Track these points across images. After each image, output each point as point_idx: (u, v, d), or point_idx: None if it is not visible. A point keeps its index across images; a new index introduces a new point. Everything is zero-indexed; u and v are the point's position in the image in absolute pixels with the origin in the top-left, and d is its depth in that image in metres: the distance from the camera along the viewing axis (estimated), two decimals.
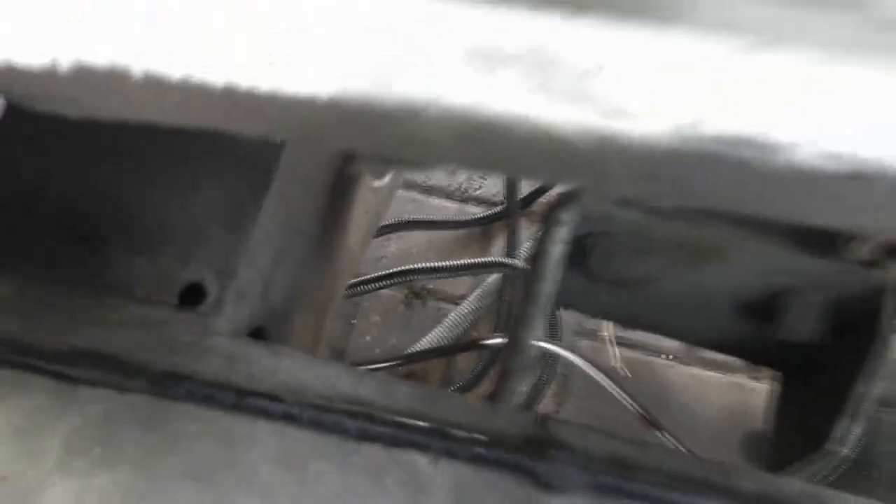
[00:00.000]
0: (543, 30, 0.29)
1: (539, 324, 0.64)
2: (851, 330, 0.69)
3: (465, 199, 1.69)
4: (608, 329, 1.51)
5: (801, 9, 0.30)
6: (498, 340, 1.23)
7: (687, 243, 0.68)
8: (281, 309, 0.67)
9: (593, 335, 1.54)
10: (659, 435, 1.01)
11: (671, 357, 1.50)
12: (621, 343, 1.53)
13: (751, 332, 0.76)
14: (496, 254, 1.56)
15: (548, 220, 0.61)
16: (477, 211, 1.64)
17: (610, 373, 1.07)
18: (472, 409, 0.67)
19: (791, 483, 0.65)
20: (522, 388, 0.98)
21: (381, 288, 1.37)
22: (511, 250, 1.50)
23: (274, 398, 0.60)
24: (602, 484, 0.63)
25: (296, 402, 0.60)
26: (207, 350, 0.58)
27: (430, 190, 1.69)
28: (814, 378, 0.76)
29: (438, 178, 1.70)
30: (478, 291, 1.46)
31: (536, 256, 0.61)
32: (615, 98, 0.28)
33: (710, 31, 0.30)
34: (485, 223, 1.58)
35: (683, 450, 1.00)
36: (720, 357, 1.16)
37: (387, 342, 1.50)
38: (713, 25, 0.30)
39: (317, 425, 0.61)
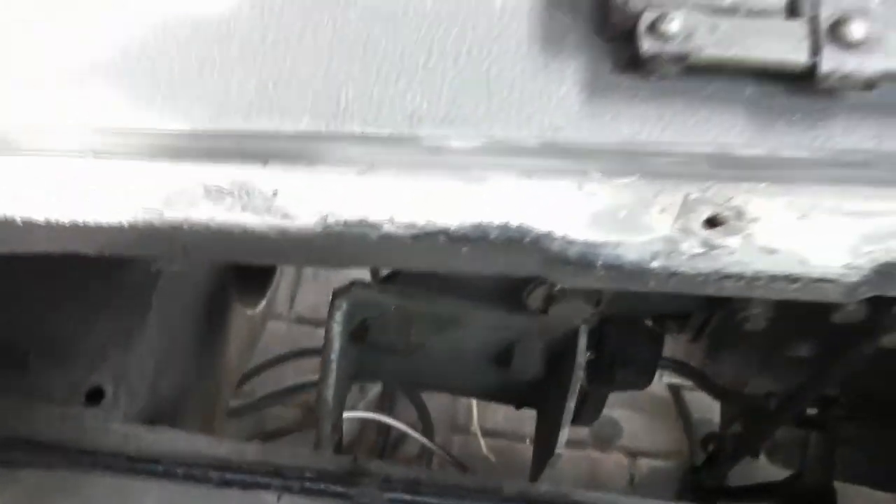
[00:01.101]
0: (246, 173, 0.63)
1: (334, 386, 0.95)
2: (559, 363, 1.02)
3: None
4: (475, 423, 1.83)
5: (381, 145, 0.64)
6: None
7: (433, 315, 1.01)
8: (169, 404, 0.99)
9: (466, 430, 1.87)
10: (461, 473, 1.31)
11: (530, 441, 1.83)
12: (487, 434, 1.85)
13: (501, 379, 1.08)
14: None
15: (329, 307, 0.94)
16: None
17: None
18: (302, 455, 0.98)
19: (541, 486, 0.97)
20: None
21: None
22: None
23: (156, 461, 0.91)
24: (397, 499, 0.94)
25: (172, 463, 0.91)
26: (108, 433, 0.90)
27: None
28: (542, 405, 1.08)
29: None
30: None
31: (325, 335, 0.94)
32: (285, 208, 0.62)
33: (336, 165, 0.64)
34: None
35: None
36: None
37: None
38: (337, 161, 0.64)
39: (188, 478, 0.92)
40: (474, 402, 1.84)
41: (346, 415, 1.20)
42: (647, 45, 0.62)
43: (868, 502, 1.42)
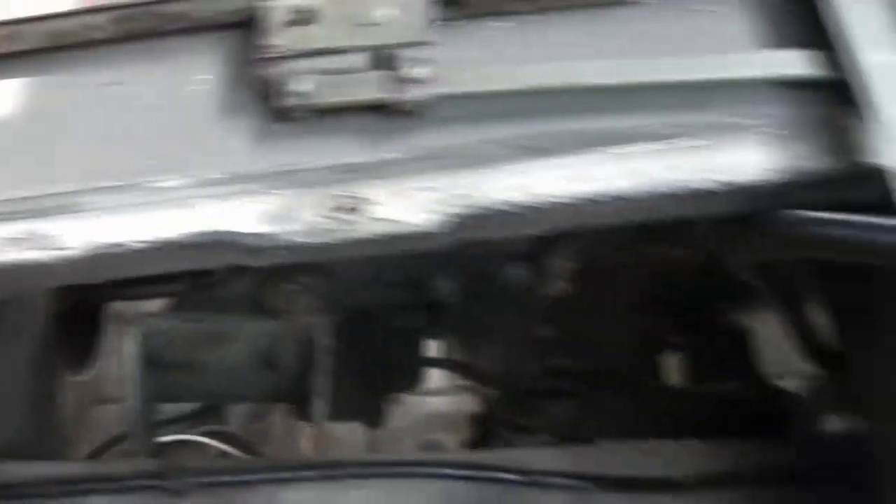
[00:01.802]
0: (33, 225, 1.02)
1: (138, 407, 1.32)
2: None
3: None
4: None
5: (120, 192, 1.04)
6: None
7: (208, 333, 1.40)
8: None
9: None
10: None
11: None
12: None
13: (274, 381, 1.47)
14: None
15: (122, 337, 1.32)
16: None
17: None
18: (122, 464, 1.36)
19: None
20: None
21: None
22: None
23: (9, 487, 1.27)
24: (204, 482, 1.32)
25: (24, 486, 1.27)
26: None
27: None
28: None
29: None
30: None
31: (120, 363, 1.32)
32: (63, 243, 1.01)
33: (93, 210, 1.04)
34: None
35: None
36: None
37: None
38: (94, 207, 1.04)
39: (41, 497, 1.28)
40: None
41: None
42: (283, 101, 1.04)
43: None
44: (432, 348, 1.84)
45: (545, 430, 1.88)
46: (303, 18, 1.05)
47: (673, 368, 2.01)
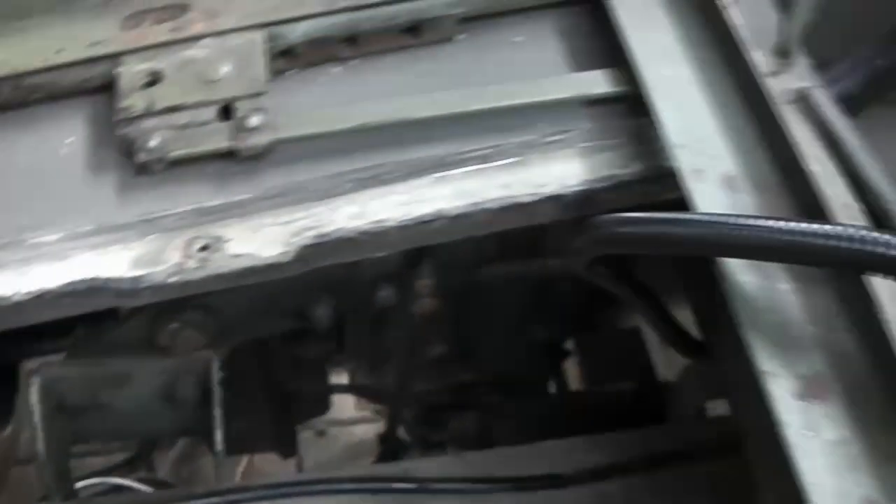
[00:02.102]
0: None
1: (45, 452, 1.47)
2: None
3: None
4: None
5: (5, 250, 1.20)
6: None
7: (110, 375, 1.54)
8: None
9: None
10: None
11: None
12: None
13: (178, 415, 1.62)
14: None
15: (23, 386, 1.48)
16: None
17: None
18: None
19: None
20: None
21: None
22: None
23: None
24: None
25: None
26: None
27: None
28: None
29: None
30: None
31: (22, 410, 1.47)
32: None
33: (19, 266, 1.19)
34: None
35: None
36: None
37: None
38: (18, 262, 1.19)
39: None
40: None
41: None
42: (142, 157, 1.21)
43: None
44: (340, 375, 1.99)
45: (453, 443, 2.04)
46: (153, 81, 1.22)
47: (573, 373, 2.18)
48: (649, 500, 1.60)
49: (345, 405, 2.63)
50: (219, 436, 1.47)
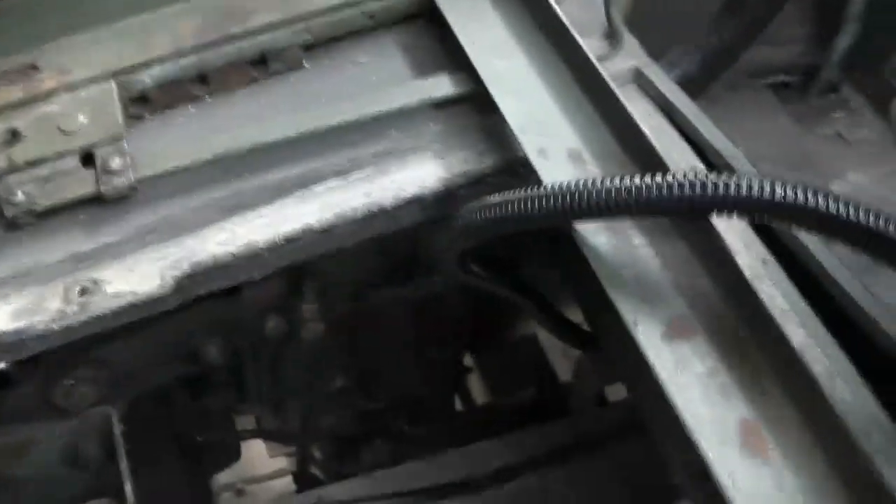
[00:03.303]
0: None
1: None
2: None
3: None
4: None
5: None
6: None
7: (7, 444, 1.52)
8: None
9: None
10: None
11: None
12: None
13: (84, 479, 1.60)
14: None
15: None
16: None
17: None
18: None
19: None
20: None
21: None
22: None
23: None
24: None
25: None
26: None
27: None
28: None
29: None
30: None
31: None
32: None
33: None
34: None
35: None
36: None
37: None
38: None
39: None
40: None
41: None
42: (8, 212, 1.22)
43: None
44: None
45: (368, 471, 2.05)
46: (12, 139, 1.24)
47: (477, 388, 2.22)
48: (563, 492, 1.63)
49: (261, 461, 2.62)
50: (129, 489, 1.46)
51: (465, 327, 1.96)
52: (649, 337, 1.03)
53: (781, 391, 1.00)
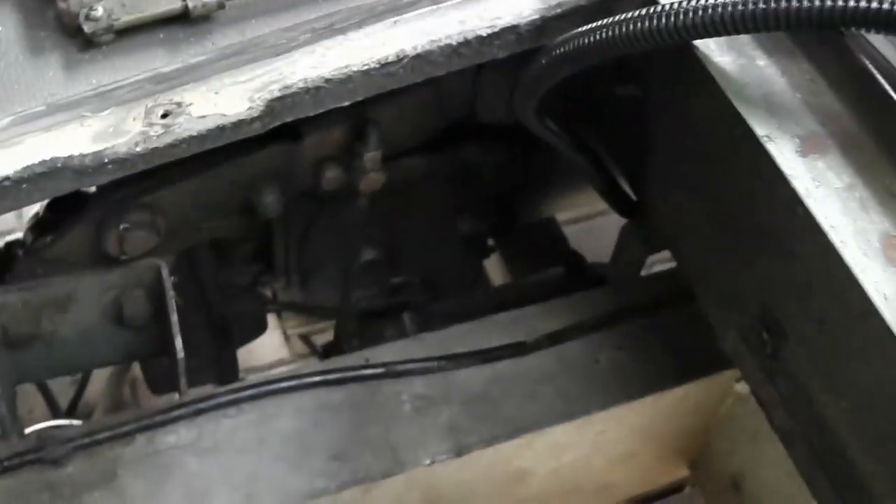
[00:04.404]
0: None
1: None
2: (161, 306, 1.50)
3: None
4: None
5: None
6: None
7: (52, 298, 1.45)
8: None
9: None
10: None
11: None
12: None
13: (127, 337, 1.53)
14: None
15: None
16: None
17: None
18: (4, 446, 1.37)
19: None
20: None
21: None
22: None
23: None
24: (79, 444, 1.36)
25: None
26: None
27: None
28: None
29: None
30: None
31: None
32: None
33: None
34: None
35: None
36: None
37: None
38: None
39: None
40: None
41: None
42: (87, 27, 1.15)
43: None
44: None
45: None
46: None
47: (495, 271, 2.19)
48: (607, 356, 1.61)
49: (262, 351, 2.57)
50: (178, 343, 1.41)
51: (497, 204, 1.92)
52: (783, 152, 0.99)
53: None
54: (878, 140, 1.01)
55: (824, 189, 0.98)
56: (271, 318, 2.20)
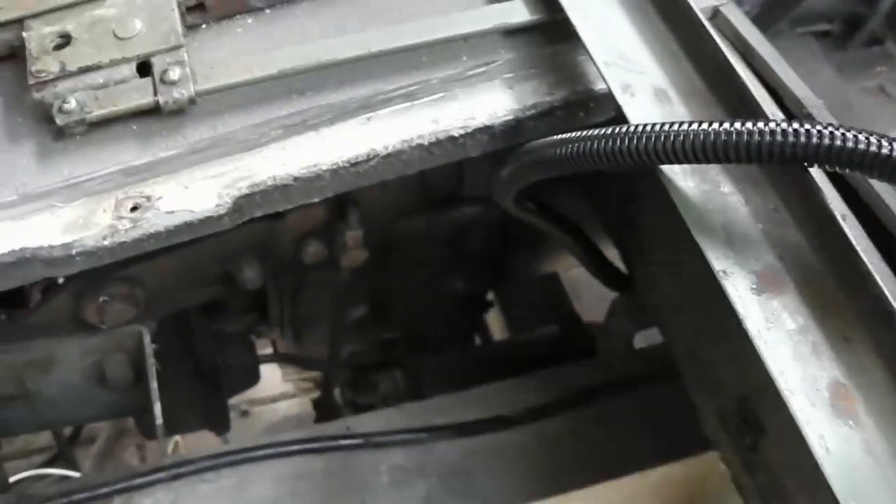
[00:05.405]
0: None
1: None
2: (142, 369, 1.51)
3: None
4: None
5: None
6: None
7: (34, 360, 1.47)
8: None
9: None
10: None
11: None
12: None
13: (108, 396, 1.55)
14: None
15: None
16: None
17: None
18: None
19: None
20: None
21: None
22: None
23: None
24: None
25: None
26: None
27: None
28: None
29: None
30: None
31: None
32: None
33: None
34: None
35: None
36: None
37: None
38: None
39: None
40: None
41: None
42: (59, 120, 1.15)
43: None
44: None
45: (383, 402, 2.02)
46: (64, 42, 1.16)
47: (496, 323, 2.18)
48: (589, 432, 1.60)
49: (265, 383, 2.57)
50: (157, 409, 1.41)
51: (491, 261, 1.91)
52: (738, 289, 0.98)
53: (873, 352, 0.95)
54: (838, 279, 0.99)
55: (776, 331, 0.96)
56: None
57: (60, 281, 1.32)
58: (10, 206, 1.12)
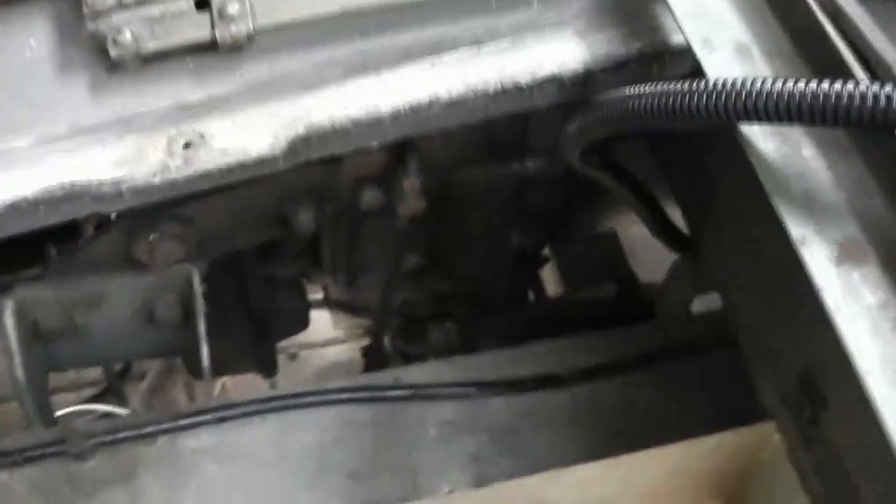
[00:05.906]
0: None
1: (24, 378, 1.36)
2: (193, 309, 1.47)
3: None
4: None
5: None
6: None
7: (85, 294, 1.44)
8: None
9: None
10: None
11: None
12: None
13: (156, 334, 1.52)
14: None
15: None
16: None
17: None
18: (29, 435, 1.37)
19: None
20: None
21: None
22: None
23: None
24: (100, 441, 1.36)
25: None
26: None
27: None
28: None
29: None
30: None
31: None
32: None
33: None
34: None
35: None
36: None
37: None
38: None
39: None
40: None
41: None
42: (113, 52, 1.10)
43: None
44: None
45: (434, 356, 1.97)
46: None
47: (551, 279, 2.12)
48: (644, 397, 1.55)
49: (316, 327, 2.54)
50: (205, 351, 1.38)
51: (547, 215, 1.85)
52: (817, 258, 0.91)
53: None
54: None
55: (855, 305, 0.90)
56: None
57: (113, 217, 1.27)
58: (61, 139, 1.09)
